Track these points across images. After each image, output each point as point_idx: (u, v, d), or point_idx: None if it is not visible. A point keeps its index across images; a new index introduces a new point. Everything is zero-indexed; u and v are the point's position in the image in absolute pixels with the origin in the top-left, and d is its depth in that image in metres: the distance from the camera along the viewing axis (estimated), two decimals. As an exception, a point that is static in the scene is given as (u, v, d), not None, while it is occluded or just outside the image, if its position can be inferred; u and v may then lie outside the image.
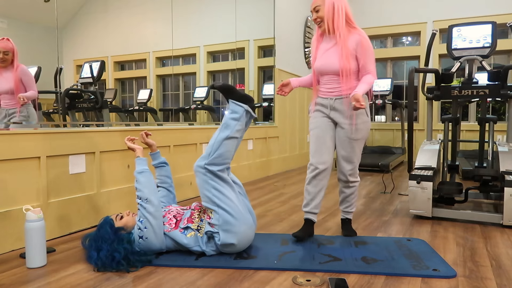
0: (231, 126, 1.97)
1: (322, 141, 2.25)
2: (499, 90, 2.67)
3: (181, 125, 3.75)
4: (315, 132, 2.28)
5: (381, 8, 6.73)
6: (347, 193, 2.35)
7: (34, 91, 2.48)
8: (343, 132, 2.23)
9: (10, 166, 2.11)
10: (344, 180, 2.32)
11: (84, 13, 3.01)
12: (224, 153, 1.94)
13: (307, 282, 1.66)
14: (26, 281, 1.69)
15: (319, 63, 2.25)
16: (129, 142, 2.19)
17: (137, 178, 2.00)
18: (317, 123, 2.29)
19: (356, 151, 2.26)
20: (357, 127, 2.21)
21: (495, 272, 1.80)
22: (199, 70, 4.51)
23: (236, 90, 2.03)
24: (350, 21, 2.19)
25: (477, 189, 2.83)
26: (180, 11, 3.82)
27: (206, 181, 1.94)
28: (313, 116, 2.32)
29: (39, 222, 1.85)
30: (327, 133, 2.26)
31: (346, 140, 2.23)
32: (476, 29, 2.80)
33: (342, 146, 2.26)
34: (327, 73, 2.24)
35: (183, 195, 3.39)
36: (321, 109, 2.29)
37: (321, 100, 2.30)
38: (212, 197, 1.92)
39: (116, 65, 3.57)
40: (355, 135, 2.22)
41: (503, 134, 5.78)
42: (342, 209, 2.40)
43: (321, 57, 2.24)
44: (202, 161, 1.95)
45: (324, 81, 2.28)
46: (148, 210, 1.91)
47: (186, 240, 1.94)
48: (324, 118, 2.28)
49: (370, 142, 6.92)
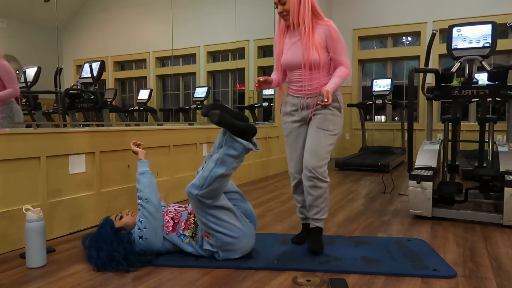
0: (228, 164, 1.80)
1: (296, 150, 2.13)
2: (499, 90, 2.67)
3: (181, 125, 3.75)
4: (288, 140, 2.16)
5: (381, 8, 6.72)
6: (314, 195, 2.03)
7: (13, 89, 2.38)
8: (313, 123, 2.06)
9: (10, 166, 2.11)
10: (311, 177, 2.00)
11: (84, 13, 3.01)
12: (217, 188, 1.81)
13: (307, 282, 1.66)
14: (26, 281, 1.69)
15: (287, 57, 2.08)
16: (134, 146, 2.21)
17: (139, 179, 2.02)
18: (288, 129, 2.15)
19: (322, 141, 2.02)
20: (326, 117, 2.03)
21: (495, 272, 1.80)
22: (199, 70, 4.51)
23: (235, 121, 1.80)
24: (317, 13, 2.03)
25: (477, 189, 2.83)
26: (180, 11, 3.82)
27: (200, 208, 1.83)
28: (284, 120, 2.18)
29: (39, 222, 1.85)
30: (300, 140, 2.12)
31: (314, 130, 2.05)
32: (476, 29, 2.79)
33: (309, 139, 2.06)
34: (296, 67, 2.06)
35: (183, 195, 3.38)
36: (291, 112, 2.13)
37: (291, 99, 2.13)
38: (208, 223, 1.84)
39: (116, 65, 3.57)
40: (324, 124, 2.03)
41: (503, 134, 5.77)
42: (311, 216, 2.08)
43: (289, 51, 2.07)
44: (195, 190, 1.80)
45: (293, 78, 2.10)
46: (149, 210, 1.91)
47: (182, 244, 1.95)
48: (294, 124, 2.13)
49: (370, 142, 6.92)
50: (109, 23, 3.25)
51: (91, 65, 3.04)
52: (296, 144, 2.13)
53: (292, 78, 2.12)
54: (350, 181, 4.48)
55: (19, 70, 2.63)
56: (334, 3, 7.14)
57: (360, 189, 3.98)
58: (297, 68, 2.07)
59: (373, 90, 6.14)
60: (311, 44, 1.98)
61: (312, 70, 2.01)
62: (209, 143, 3.79)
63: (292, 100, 2.12)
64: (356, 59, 7.02)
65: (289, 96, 2.15)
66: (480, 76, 4.59)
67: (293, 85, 2.12)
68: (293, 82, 2.12)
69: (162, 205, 2.15)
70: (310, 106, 2.06)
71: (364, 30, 6.89)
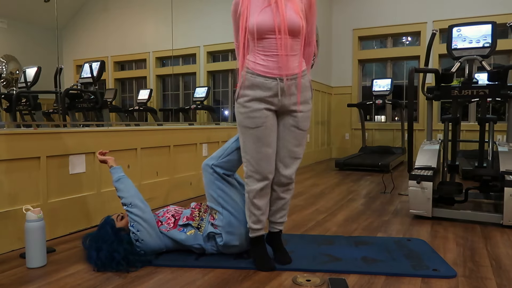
0: None
1: (269, 146, 1.71)
2: (499, 90, 2.67)
3: (181, 125, 3.75)
4: (259, 133, 1.68)
5: (381, 8, 6.73)
6: (286, 198, 1.84)
7: None
8: (294, 121, 1.72)
9: (10, 166, 2.11)
10: (288, 183, 1.80)
11: (84, 13, 3.01)
12: (234, 160, 1.92)
13: (307, 282, 1.66)
14: (26, 281, 1.69)
15: (264, 18, 1.60)
16: (100, 156, 2.15)
17: (116, 187, 2.01)
18: (261, 119, 1.66)
19: (303, 144, 1.77)
20: (307, 114, 1.74)
21: (495, 272, 1.80)
22: (199, 70, 4.51)
23: None
24: None
25: (477, 189, 2.83)
26: (180, 11, 3.82)
27: (212, 181, 1.92)
28: (252, 107, 1.66)
29: (39, 222, 1.85)
30: (273, 133, 1.72)
31: (295, 131, 1.73)
32: (476, 29, 2.80)
33: (288, 138, 1.73)
34: (269, 32, 1.59)
35: (183, 195, 3.39)
36: (266, 98, 1.66)
37: (261, 80, 1.64)
38: (217, 198, 1.91)
39: (116, 65, 3.57)
40: (303, 124, 1.74)
41: (503, 134, 5.78)
42: (276, 220, 1.88)
43: (264, 12, 1.61)
44: (211, 161, 1.94)
45: (269, 48, 1.62)
46: (136, 214, 1.91)
47: (185, 238, 1.94)
48: (269, 112, 1.68)
49: (370, 142, 6.92)
50: (109, 23, 3.26)
51: (91, 65, 3.04)
52: (270, 138, 1.70)
53: (264, 50, 1.63)
54: (350, 181, 4.49)
55: (19, 70, 2.63)
56: (334, 3, 7.14)
57: (360, 189, 3.99)
58: (273, 35, 1.61)
59: (373, 90, 6.14)
60: (293, 5, 1.62)
61: (295, 39, 1.62)
62: (209, 143, 3.80)
63: (264, 83, 1.64)
64: (356, 59, 7.02)
65: (259, 77, 1.65)
66: (480, 76, 4.59)
67: (264, 61, 1.64)
68: (265, 56, 1.64)
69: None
70: (293, 92, 1.67)
71: (364, 30, 6.89)
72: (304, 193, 3.76)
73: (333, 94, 7.24)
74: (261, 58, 1.65)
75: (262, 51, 1.65)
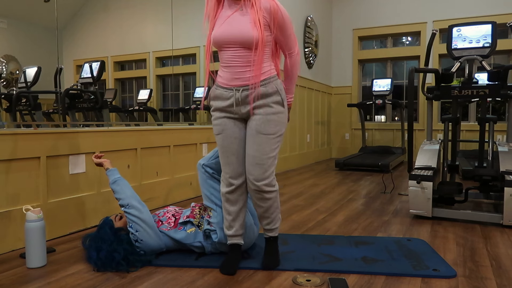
0: None
1: (230, 151, 1.76)
2: (499, 90, 2.67)
3: (181, 125, 3.75)
4: (220, 139, 1.78)
5: (381, 8, 6.73)
6: (264, 206, 1.79)
7: None
8: (252, 124, 1.73)
9: (10, 166, 2.11)
10: (257, 190, 1.74)
11: (84, 13, 3.01)
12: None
13: (307, 282, 1.66)
14: (26, 281, 1.69)
15: (218, 32, 1.69)
16: (95, 159, 2.13)
17: (113, 189, 2.01)
18: (220, 126, 1.76)
19: (265, 149, 1.71)
20: (267, 118, 1.70)
21: (495, 272, 1.80)
22: (199, 70, 4.51)
23: None
24: None
25: (477, 189, 2.83)
26: (180, 11, 3.82)
27: (205, 180, 2.03)
28: (215, 115, 1.78)
29: (39, 222, 1.85)
30: (237, 139, 1.77)
31: (254, 134, 1.72)
32: (476, 29, 2.80)
33: (249, 144, 1.74)
34: (229, 44, 1.67)
35: (183, 195, 3.39)
36: (225, 108, 1.74)
37: (221, 92, 1.74)
38: (210, 196, 1.99)
39: (116, 65, 3.57)
40: (265, 128, 1.70)
41: (503, 134, 5.78)
42: (264, 226, 1.87)
43: (222, 25, 1.69)
44: (203, 161, 2.06)
45: (224, 61, 1.71)
46: (134, 214, 1.91)
47: (185, 236, 1.95)
48: (229, 120, 1.76)
49: (370, 142, 6.92)
50: (109, 23, 3.25)
51: (91, 65, 3.03)
52: (232, 144, 1.76)
53: (222, 61, 1.73)
54: (350, 181, 4.49)
55: (19, 70, 2.63)
56: (334, 3, 7.14)
57: (360, 189, 3.99)
58: (229, 48, 1.68)
59: (373, 90, 6.14)
60: (250, 17, 1.64)
61: (250, 51, 1.65)
62: (209, 143, 3.80)
63: (222, 93, 1.73)
64: (356, 59, 7.02)
65: (220, 89, 1.74)
66: (480, 76, 4.58)
67: (223, 72, 1.73)
68: (223, 67, 1.73)
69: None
70: (248, 101, 1.70)
71: (364, 30, 6.89)
72: (304, 193, 3.76)
73: (333, 94, 7.25)
74: (221, 70, 1.75)
75: (222, 63, 1.75)
